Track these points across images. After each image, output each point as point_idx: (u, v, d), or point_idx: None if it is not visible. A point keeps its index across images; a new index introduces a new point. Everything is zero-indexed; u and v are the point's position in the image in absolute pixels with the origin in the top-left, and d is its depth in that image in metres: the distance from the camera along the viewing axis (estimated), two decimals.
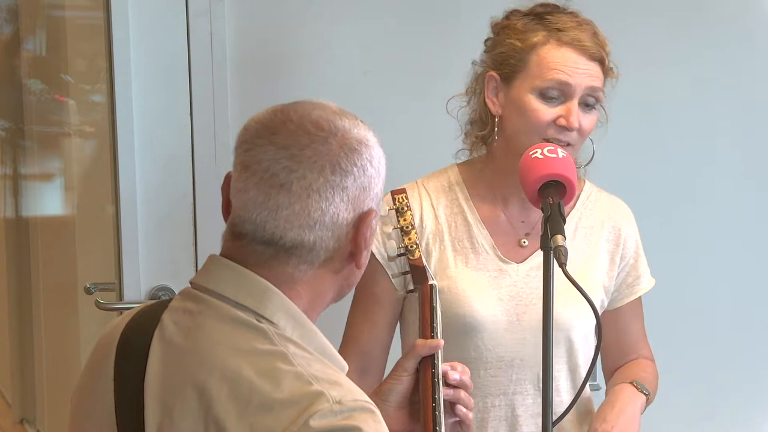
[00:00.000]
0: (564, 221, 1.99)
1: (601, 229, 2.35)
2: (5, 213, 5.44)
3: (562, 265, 1.93)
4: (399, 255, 2.07)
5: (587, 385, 2.34)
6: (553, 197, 2.02)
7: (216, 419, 1.49)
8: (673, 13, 3.19)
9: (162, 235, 2.98)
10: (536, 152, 2.08)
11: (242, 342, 1.54)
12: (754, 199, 3.31)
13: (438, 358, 1.96)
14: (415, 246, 2.06)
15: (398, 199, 2.08)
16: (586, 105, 2.22)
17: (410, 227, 2.06)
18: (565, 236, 1.96)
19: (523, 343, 2.26)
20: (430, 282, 2.04)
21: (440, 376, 1.95)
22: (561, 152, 2.08)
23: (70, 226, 4.07)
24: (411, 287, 2.09)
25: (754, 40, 3.26)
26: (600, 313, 2.33)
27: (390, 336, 2.32)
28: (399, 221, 2.07)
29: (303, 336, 1.57)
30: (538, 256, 2.26)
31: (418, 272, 2.06)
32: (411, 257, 2.06)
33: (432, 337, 1.98)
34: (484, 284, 2.26)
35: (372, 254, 2.20)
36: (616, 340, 2.41)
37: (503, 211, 2.30)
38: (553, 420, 1.96)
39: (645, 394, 2.33)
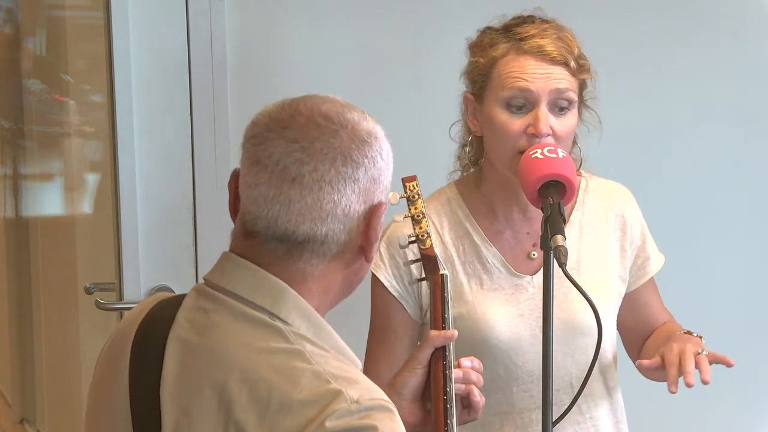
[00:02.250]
0: (564, 221, 1.99)
1: (605, 221, 2.34)
2: (5, 213, 5.43)
3: (562, 265, 1.93)
4: (410, 243, 2.04)
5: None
6: (553, 197, 2.02)
7: (237, 422, 1.49)
8: (672, 11, 3.19)
9: (162, 235, 2.98)
10: (536, 152, 2.08)
11: (259, 341, 1.54)
12: (754, 198, 3.31)
13: (449, 350, 1.95)
14: (426, 235, 2.03)
15: (409, 186, 2.05)
16: (559, 109, 2.19)
17: (421, 216, 2.04)
18: (565, 236, 1.96)
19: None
20: (441, 272, 2.02)
21: (452, 368, 1.94)
22: (561, 152, 2.08)
23: (70, 226, 4.07)
24: (422, 275, 2.07)
25: (752, 39, 3.26)
26: (619, 304, 2.33)
27: None
28: (410, 209, 2.04)
29: (317, 335, 1.57)
30: None
31: (429, 262, 2.03)
32: (422, 246, 2.03)
33: (444, 328, 1.98)
34: (503, 303, 2.25)
35: (383, 287, 2.23)
36: (636, 321, 2.40)
37: (507, 226, 2.29)
38: (553, 420, 1.97)
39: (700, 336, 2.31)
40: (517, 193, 2.24)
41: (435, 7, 3.06)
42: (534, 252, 2.28)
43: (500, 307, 2.25)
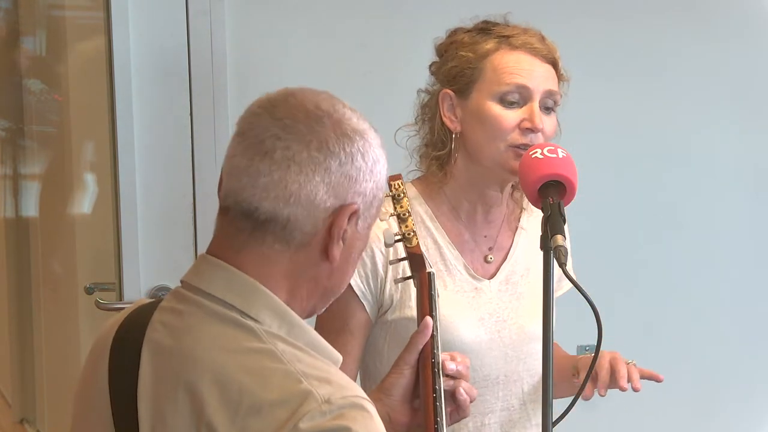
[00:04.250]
0: (564, 221, 1.98)
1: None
2: (5, 213, 5.43)
3: (562, 265, 1.92)
4: (396, 241, 2.04)
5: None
6: (553, 197, 2.02)
7: (208, 424, 1.49)
8: (671, 11, 3.19)
9: (162, 235, 2.98)
10: (536, 152, 2.08)
11: (231, 342, 1.53)
12: (754, 199, 3.31)
13: (438, 348, 1.95)
14: (412, 233, 2.03)
15: (394, 185, 2.05)
16: (545, 108, 2.20)
17: (407, 214, 2.04)
18: (565, 236, 1.95)
19: (506, 359, 2.26)
20: (428, 270, 2.01)
21: (440, 367, 1.94)
22: (561, 152, 2.08)
23: (69, 226, 4.07)
24: (407, 274, 2.06)
25: (752, 38, 3.26)
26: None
27: (358, 366, 2.28)
28: (396, 208, 2.04)
29: (290, 332, 1.55)
30: (504, 271, 2.29)
31: (415, 260, 2.03)
32: (408, 245, 2.03)
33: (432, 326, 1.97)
34: (465, 306, 2.24)
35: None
36: None
37: (466, 228, 2.28)
38: (553, 420, 1.96)
39: None
40: (485, 193, 2.25)
41: (435, 8, 3.05)
42: (491, 256, 2.29)
43: (463, 310, 2.24)
